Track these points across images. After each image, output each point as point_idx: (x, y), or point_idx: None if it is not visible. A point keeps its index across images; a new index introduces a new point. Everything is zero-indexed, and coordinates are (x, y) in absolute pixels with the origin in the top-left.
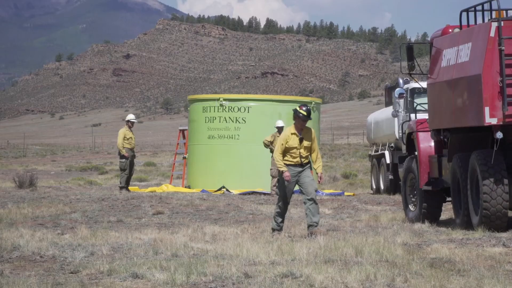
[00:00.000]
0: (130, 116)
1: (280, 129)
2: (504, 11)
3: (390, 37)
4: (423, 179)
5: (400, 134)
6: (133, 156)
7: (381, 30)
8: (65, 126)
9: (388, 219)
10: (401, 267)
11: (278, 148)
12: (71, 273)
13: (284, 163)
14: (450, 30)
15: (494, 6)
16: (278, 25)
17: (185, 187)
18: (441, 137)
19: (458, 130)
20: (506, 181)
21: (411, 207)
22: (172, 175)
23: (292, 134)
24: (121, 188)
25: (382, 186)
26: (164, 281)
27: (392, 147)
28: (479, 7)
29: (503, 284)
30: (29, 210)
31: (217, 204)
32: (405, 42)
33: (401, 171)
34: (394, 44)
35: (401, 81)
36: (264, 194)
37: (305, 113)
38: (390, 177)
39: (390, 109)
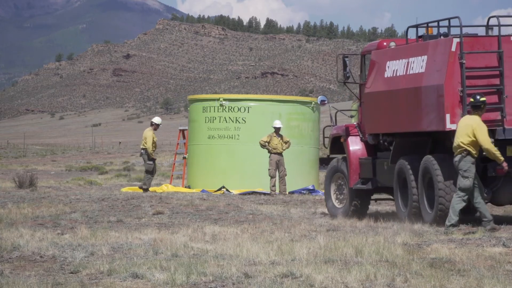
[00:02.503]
0: (158, 120)
1: (277, 130)
2: (434, 28)
3: (390, 37)
4: (353, 179)
5: (323, 138)
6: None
7: (381, 30)
8: (65, 126)
9: (388, 219)
10: (401, 267)
11: (489, 140)
12: (71, 273)
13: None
14: (385, 44)
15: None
16: (278, 25)
17: (185, 187)
18: (381, 141)
19: (402, 135)
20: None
21: (336, 204)
22: (172, 175)
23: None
24: (145, 190)
25: None
26: (164, 281)
27: None
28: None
29: (503, 284)
30: (29, 210)
31: (217, 204)
32: (341, 53)
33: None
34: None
35: None
36: (264, 194)
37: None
38: None
39: None
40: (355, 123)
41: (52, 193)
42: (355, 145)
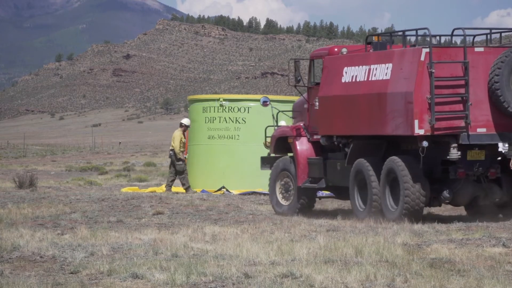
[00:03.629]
0: (187, 121)
1: None
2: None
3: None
4: (301, 178)
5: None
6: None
7: (381, 30)
8: (65, 126)
9: (388, 220)
10: (401, 267)
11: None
12: (71, 273)
13: None
14: (336, 50)
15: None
16: (278, 26)
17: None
18: (335, 142)
19: (359, 137)
20: (422, 181)
21: (282, 201)
22: None
23: None
24: (187, 188)
25: None
26: (164, 281)
27: None
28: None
29: (503, 284)
30: (29, 210)
31: (217, 204)
32: (292, 58)
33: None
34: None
35: None
36: (264, 194)
37: None
38: None
39: None
40: (301, 124)
41: (52, 193)
42: (302, 146)
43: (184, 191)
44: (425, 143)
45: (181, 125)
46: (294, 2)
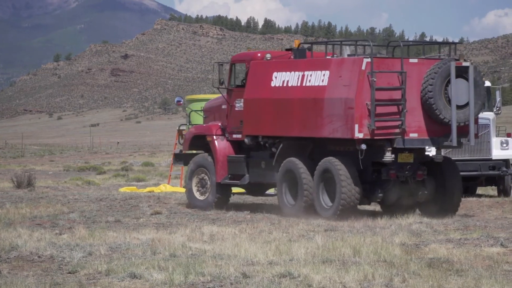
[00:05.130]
0: None
1: None
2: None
3: (388, 37)
4: (220, 174)
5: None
6: None
7: (379, 30)
8: (63, 126)
9: (386, 219)
10: (399, 267)
11: None
12: (69, 273)
13: None
14: (259, 55)
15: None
16: (276, 25)
17: (183, 187)
18: (261, 142)
19: (288, 138)
20: (357, 181)
21: (198, 196)
22: (170, 175)
23: None
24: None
25: None
26: (162, 281)
27: None
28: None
29: (501, 284)
30: (27, 210)
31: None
32: (216, 61)
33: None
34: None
35: None
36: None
37: None
38: None
39: None
40: (219, 123)
41: (50, 193)
42: (221, 144)
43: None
44: (363, 146)
45: None
46: (292, 2)
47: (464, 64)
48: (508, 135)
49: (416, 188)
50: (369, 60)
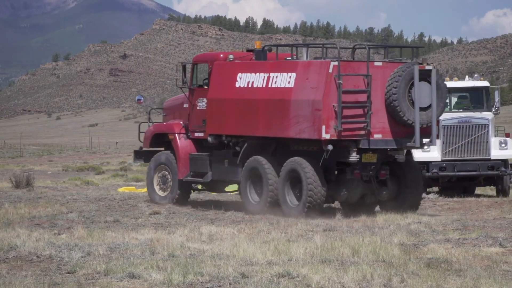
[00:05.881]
0: None
1: None
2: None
3: (387, 37)
4: (182, 172)
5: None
6: None
7: (378, 30)
8: (62, 126)
9: (385, 219)
10: (398, 267)
11: None
12: (68, 273)
13: None
14: (222, 56)
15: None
16: (275, 25)
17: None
18: (224, 141)
19: (253, 138)
20: (323, 180)
21: (159, 192)
22: None
23: None
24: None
25: None
26: (161, 281)
27: None
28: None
29: (500, 284)
30: (25, 210)
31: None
32: (180, 62)
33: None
34: (391, 44)
35: None
36: None
37: None
38: None
39: None
40: (180, 122)
41: (49, 193)
42: (183, 142)
43: None
44: (330, 147)
45: None
46: (291, 2)
47: (427, 67)
48: (507, 135)
49: (379, 187)
50: (336, 63)
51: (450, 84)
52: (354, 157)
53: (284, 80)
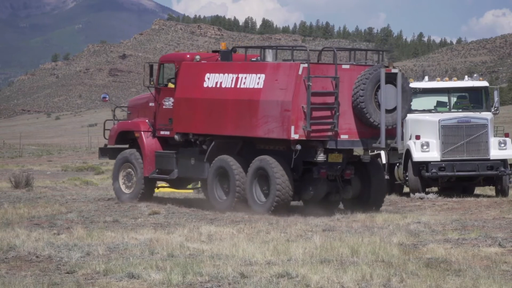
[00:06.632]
0: None
1: None
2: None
3: (386, 37)
4: (147, 169)
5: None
6: None
7: (377, 30)
8: (61, 126)
9: (384, 219)
10: (397, 267)
11: None
12: (67, 273)
13: None
14: (188, 56)
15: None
16: (274, 25)
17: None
18: (191, 140)
19: (220, 137)
20: (290, 178)
21: (124, 189)
22: None
23: None
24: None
25: None
26: (160, 281)
27: None
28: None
29: (499, 284)
30: (25, 210)
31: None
32: (147, 62)
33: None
34: (390, 44)
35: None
36: None
37: None
38: (386, 177)
39: None
40: (146, 120)
41: (48, 193)
42: (149, 140)
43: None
44: (298, 146)
45: None
46: (290, 2)
47: (393, 70)
48: (506, 135)
49: (344, 186)
50: (305, 65)
51: (449, 84)
52: (321, 157)
53: (253, 81)
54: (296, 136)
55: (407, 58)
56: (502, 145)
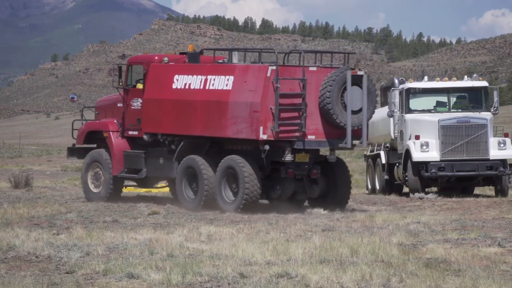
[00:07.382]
0: None
1: None
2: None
3: (386, 37)
4: (116, 168)
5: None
6: None
7: (377, 30)
8: (61, 126)
9: (384, 219)
10: (397, 267)
11: None
12: (67, 273)
13: None
14: (156, 58)
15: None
16: (274, 25)
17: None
18: (160, 140)
19: (188, 137)
20: (258, 177)
21: (92, 189)
22: None
23: None
24: None
25: (377, 186)
26: (160, 281)
27: (387, 147)
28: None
29: (499, 284)
30: (24, 210)
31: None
32: (118, 63)
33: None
34: (389, 44)
35: (396, 81)
36: None
37: None
38: (386, 177)
39: (385, 109)
40: (114, 120)
41: (47, 193)
42: (118, 140)
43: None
44: (266, 147)
45: None
46: (289, 2)
47: (359, 73)
48: (506, 135)
49: (310, 185)
50: (274, 67)
51: (449, 84)
52: (289, 157)
53: (222, 82)
54: (264, 137)
55: (407, 58)
56: (502, 145)
